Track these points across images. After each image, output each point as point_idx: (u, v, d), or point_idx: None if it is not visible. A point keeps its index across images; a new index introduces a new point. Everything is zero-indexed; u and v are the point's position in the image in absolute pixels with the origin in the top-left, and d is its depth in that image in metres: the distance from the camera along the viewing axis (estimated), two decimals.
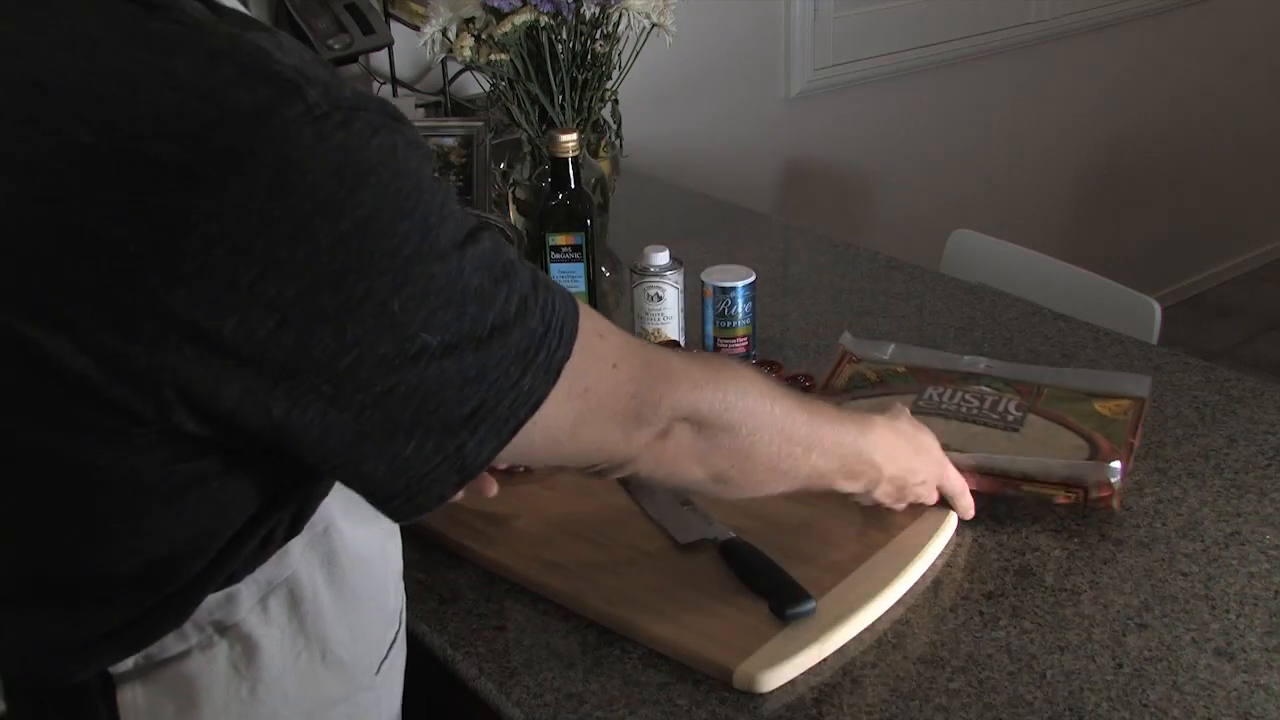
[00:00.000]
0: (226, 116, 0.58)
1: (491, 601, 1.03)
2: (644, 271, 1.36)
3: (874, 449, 0.96)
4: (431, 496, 0.68)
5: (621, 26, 1.58)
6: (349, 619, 0.80)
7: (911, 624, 0.98)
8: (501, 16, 1.49)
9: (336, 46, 1.74)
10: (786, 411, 0.86)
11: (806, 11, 2.52)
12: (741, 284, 1.35)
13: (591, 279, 1.40)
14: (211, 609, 0.73)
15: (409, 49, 1.90)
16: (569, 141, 1.38)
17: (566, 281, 1.38)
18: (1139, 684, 0.90)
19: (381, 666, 0.85)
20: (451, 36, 1.56)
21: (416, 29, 1.65)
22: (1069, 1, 2.94)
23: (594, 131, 1.65)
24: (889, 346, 1.34)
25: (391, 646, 0.86)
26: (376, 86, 1.99)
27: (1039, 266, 1.79)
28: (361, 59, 1.92)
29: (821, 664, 0.93)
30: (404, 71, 2.01)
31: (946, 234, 1.92)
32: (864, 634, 0.96)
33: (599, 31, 1.55)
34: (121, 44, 0.60)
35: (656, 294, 1.36)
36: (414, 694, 0.94)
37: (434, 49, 1.57)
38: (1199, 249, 3.68)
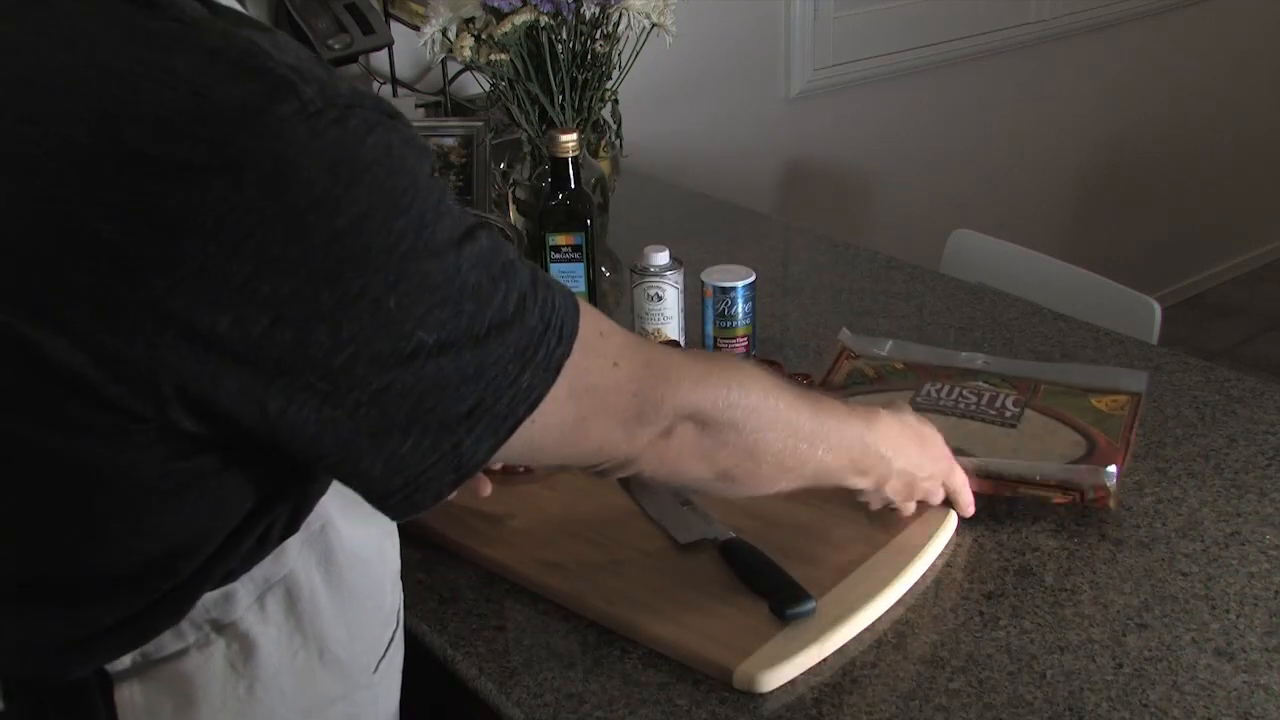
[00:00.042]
0: (220, 113, 0.58)
1: (491, 601, 1.03)
2: (644, 271, 1.36)
3: (881, 442, 0.95)
4: (428, 495, 0.68)
5: (621, 26, 1.58)
6: (346, 618, 0.80)
7: (911, 624, 0.98)
8: (501, 16, 1.49)
9: (336, 46, 1.74)
10: (791, 407, 0.86)
11: (806, 11, 2.52)
12: (741, 284, 1.35)
13: (591, 279, 1.40)
14: (209, 607, 0.73)
15: (409, 49, 1.90)
16: (569, 141, 1.38)
17: (566, 281, 1.37)
18: (1139, 684, 0.90)
19: (379, 665, 0.85)
20: (451, 36, 1.56)
21: (416, 29, 1.65)
22: (1069, 1, 2.94)
23: (594, 131, 1.65)
24: (887, 343, 1.34)
25: (389, 645, 0.86)
26: (376, 86, 1.99)
27: (1039, 266, 1.79)
28: (361, 59, 1.92)
29: (821, 664, 0.93)
30: (404, 71, 2.01)
31: (946, 234, 1.92)
32: (864, 634, 0.96)
33: (599, 31, 1.55)
34: (117, 42, 0.60)
35: (656, 294, 1.36)
36: (414, 694, 0.94)
37: (434, 49, 1.57)
38: (1199, 249, 3.68)
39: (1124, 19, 3.09)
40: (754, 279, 1.36)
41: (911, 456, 0.99)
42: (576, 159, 1.39)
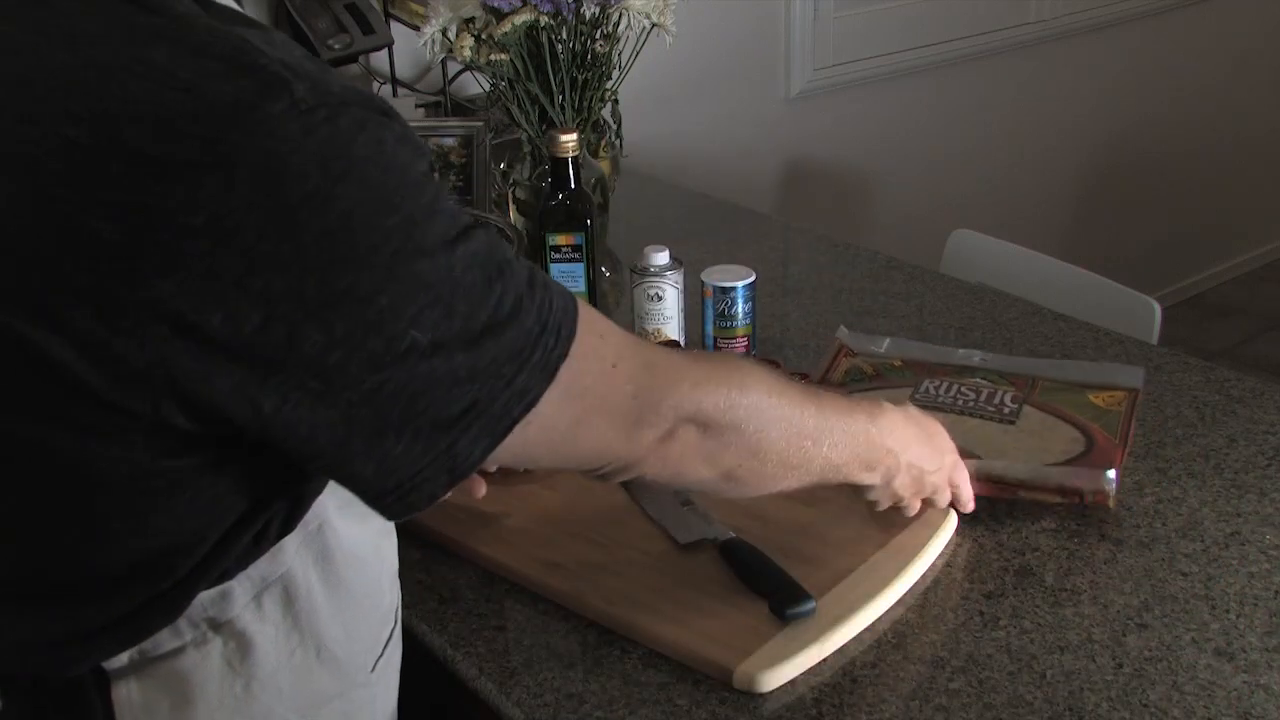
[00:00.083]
0: (212, 111, 0.58)
1: (491, 601, 1.03)
2: (644, 271, 1.36)
3: (887, 435, 0.94)
4: (423, 495, 0.67)
5: (621, 26, 1.58)
6: (343, 616, 0.80)
7: (911, 624, 0.97)
8: (501, 16, 1.49)
9: (336, 46, 1.74)
10: (794, 405, 0.85)
11: (806, 11, 2.52)
12: (741, 284, 1.35)
13: (591, 279, 1.40)
14: (206, 605, 0.73)
15: (409, 49, 1.90)
16: (569, 141, 1.38)
17: (566, 281, 1.38)
18: (1139, 684, 0.90)
19: (377, 664, 0.85)
20: (451, 36, 1.56)
21: (416, 29, 1.65)
22: (1069, 1, 2.94)
23: (594, 131, 1.65)
24: (884, 340, 1.35)
25: (387, 644, 0.86)
26: (376, 86, 1.99)
27: (1039, 266, 1.79)
28: (361, 59, 1.92)
29: (821, 664, 0.93)
30: (404, 71, 2.01)
31: (946, 234, 1.92)
32: (864, 634, 0.96)
33: (599, 31, 1.55)
34: (115, 41, 0.60)
35: (656, 294, 1.36)
36: (414, 694, 0.94)
37: (434, 49, 1.57)
38: (1199, 249, 3.68)
39: (1124, 19, 3.09)
40: (754, 279, 1.36)
41: (918, 450, 0.98)
42: (576, 159, 1.39)
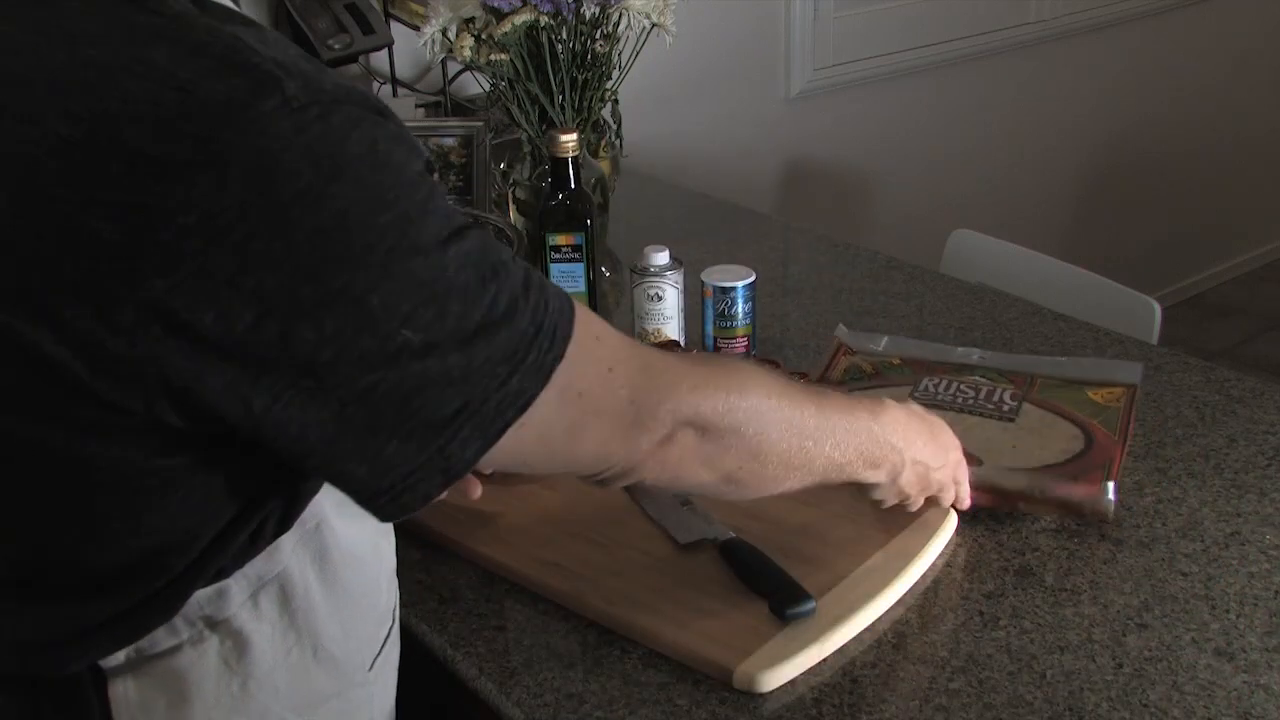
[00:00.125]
0: (203, 108, 0.58)
1: (491, 601, 1.03)
2: (644, 271, 1.36)
3: (890, 432, 0.93)
4: (416, 496, 0.67)
5: (621, 26, 1.58)
6: (340, 615, 0.80)
7: (911, 624, 0.97)
8: (501, 16, 1.49)
9: (336, 46, 1.74)
10: (794, 406, 0.85)
11: (806, 11, 2.52)
12: (741, 284, 1.35)
13: (591, 279, 1.40)
14: (202, 604, 0.73)
15: (409, 49, 1.90)
16: (569, 141, 1.38)
17: (566, 281, 1.38)
18: (1139, 684, 0.90)
19: (374, 663, 0.85)
20: (451, 36, 1.56)
21: (416, 29, 1.65)
22: (1069, 1, 2.94)
23: (594, 131, 1.65)
24: (882, 339, 1.35)
25: (384, 643, 0.86)
26: (376, 86, 1.99)
27: (1039, 266, 1.79)
28: (361, 59, 1.92)
29: (821, 664, 0.93)
30: (404, 71, 2.01)
31: (946, 234, 1.92)
32: (864, 634, 0.96)
33: (599, 31, 1.55)
34: (109, 39, 0.60)
35: (656, 294, 1.36)
36: (414, 694, 0.94)
37: (434, 49, 1.57)
38: (1199, 249, 3.68)
39: (1124, 19, 3.09)
40: (754, 279, 1.36)
41: (923, 447, 0.98)
42: (576, 159, 1.39)
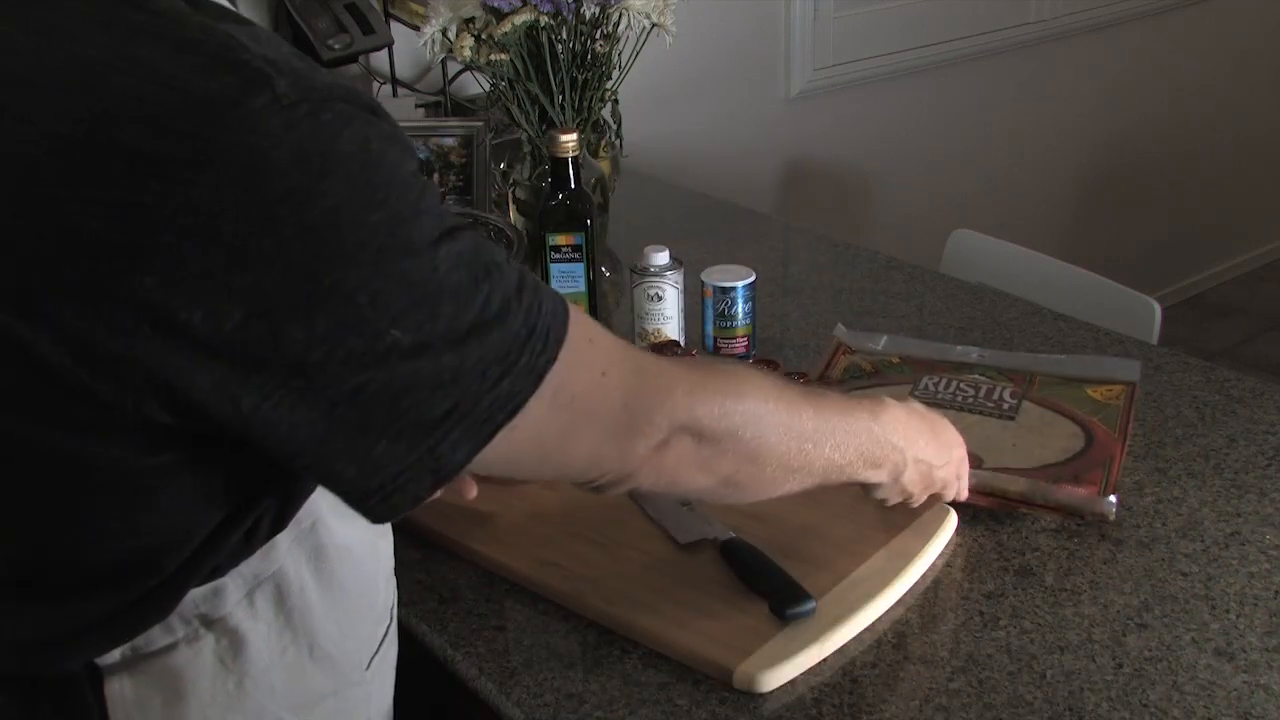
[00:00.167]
0: (194, 105, 0.58)
1: (491, 601, 1.03)
2: (644, 271, 1.36)
3: (890, 431, 0.93)
4: (406, 497, 0.66)
5: (621, 26, 1.58)
6: (337, 614, 0.80)
7: (911, 624, 0.98)
8: (501, 16, 1.49)
9: (336, 46, 1.74)
10: (791, 408, 0.84)
11: (806, 11, 2.52)
12: (741, 284, 1.35)
13: (591, 279, 1.40)
14: (198, 602, 0.73)
15: (409, 49, 1.90)
16: (569, 141, 1.38)
17: (566, 281, 1.38)
18: (1139, 684, 0.90)
19: (372, 662, 0.85)
20: (451, 36, 1.56)
21: (416, 29, 1.65)
22: (1069, 1, 2.94)
23: (594, 131, 1.65)
24: (881, 338, 1.35)
25: (382, 642, 0.86)
26: (376, 87, 1.99)
27: (1039, 266, 1.79)
28: (361, 59, 1.92)
29: (821, 664, 0.93)
30: (404, 71, 2.01)
31: (946, 234, 1.92)
32: (864, 634, 0.96)
33: (599, 31, 1.55)
34: (103, 37, 0.60)
35: (656, 294, 1.36)
36: (414, 694, 0.94)
37: (434, 49, 1.57)
38: (1199, 249, 3.68)
39: (1124, 19, 3.09)
40: (754, 279, 1.36)
41: (925, 445, 0.97)
42: (576, 159, 1.39)
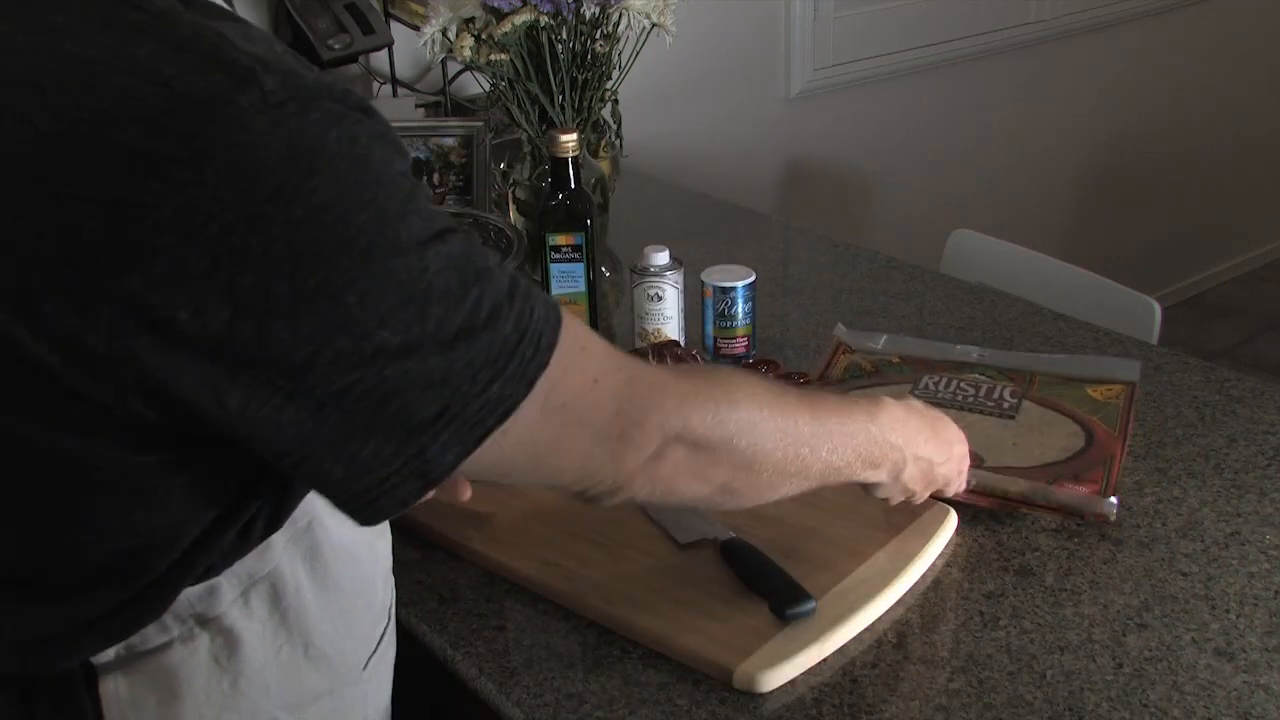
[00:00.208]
0: (183, 103, 0.58)
1: (491, 601, 1.03)
2: (644, 271, 1.36)
3: (889, 430, 0.92)
4: (393, 501, 0.66)
5: (621, 26, 1.58)
6: (333, 614, 0.80)
7: (911, 624, 0.98)
8: (501, 16, 1.49)
9: (336, 46, 1.74)
10: (786, 413, 0.84)
11: (806, 11, 2.52)
12: (741, 284, 1.35)
13: (591, 279, 1.40)
14: (192, 601, 0.73)
15: (409, 49, 1.90)
16: (569, 141, 1.38)
17: (566, 281, 1.38)
18: (1139, 684, 0.90)
19: (369, 662, 0.85)
20: (451, 36, 1.56)
21: (416, 29, 1.65)
22: (1069, 1, 2.94)
23: (594, 131, 1.65)
24: (881, 337, 1.35)
25: (380, 642, 0.86)
26: (376, 87, 1.99)
27: (1039, 266, 1.79)
28: (361, 59, 1.92)
29: (821, 664, 0.93)
30: (404, 71, 2.01)
31: (946, 234, 1.92)
32: (864, 634, 0.96)
33: (599, 31, 1.55)
34: (96, 36, 0.60)
35: (656, 294, 1.36)
36: (414, 694, 0.94)
37: (434, 49, 1.57)
38: (1199, 249, 3.68)
39: (1124, 19, 3.09)
40: (754, 279, 1.36)
41: (925, 443, 0.96)
42: (576, 159, 1.39)
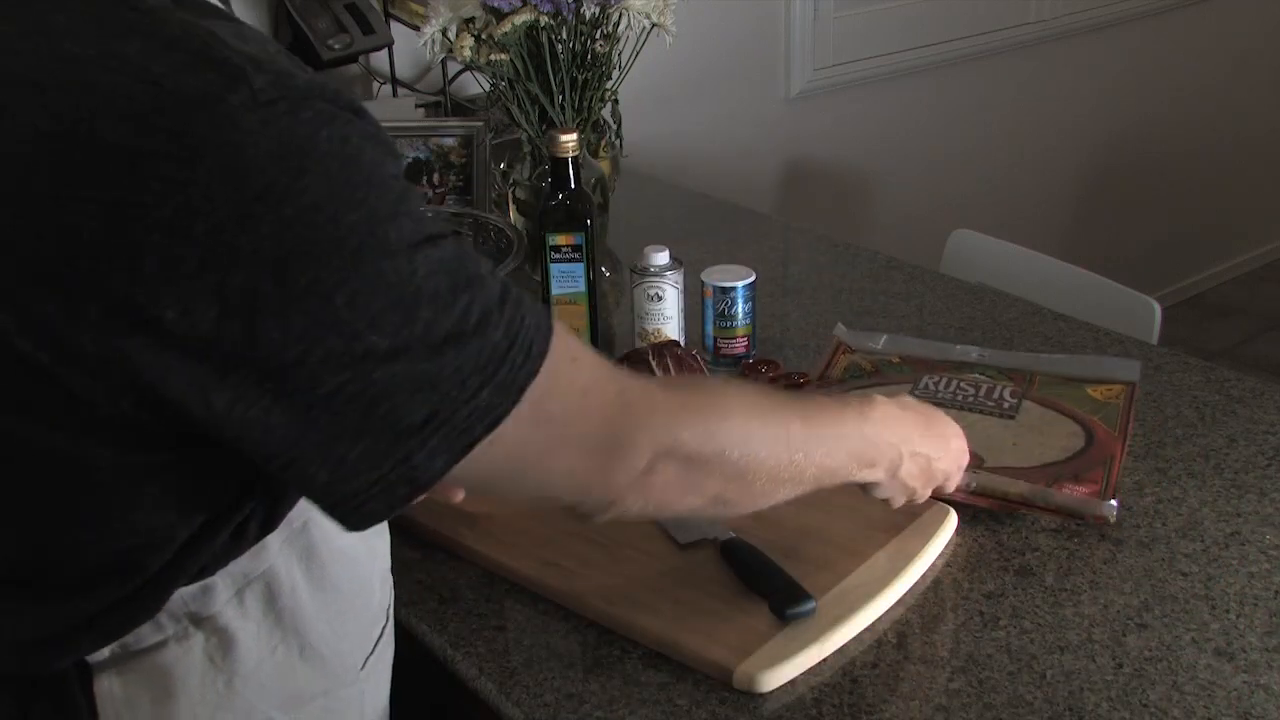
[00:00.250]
0: (173, 102, 0.57)
1: (491, 601, 1.03)
2: (644, 271, 1.36)
3: (881, 429, 0.92)
4: (380, 506, 0.65)
5: (621, 26, 1.58)
6: (329, 614, 0.80)
7: (911, 624, 0.98)
8: (501, 16, 1.49)
9: (336, 46, 1.74)
10: (778, 421, 0.83)
11: (806, 11, 2.52)
12: (741, 284, 1.35)
13: (591, 279, 1.40)
14: (187, 600, 0.73)
15: (409, 49, 1.90)
16: (569, 141, 1.38)
17: (566, 281, 1.38)
18: (1139, 684, 0.90)
19: (367, 662, 0.85)
20: (451, 36, 1.56)
21: (416, 29, 1.65)
22: (1069, 1, 2.94)
23: (594, 131, 1.65)
24: (881, 337, 1.35)
25: (378, 642, 0.86)
26: (376, 87, 1.99)
27: (1039, 266, 1.79)
28: (361, 59, 1.92)
29: (821, 664, 0.93)
30: (404, 71, 2.01)
31: (946, 234, 1.92)
32: (864, 634, 0.96)
33: (599, 31, 1.55)
34: (88, 34, 0.60)
35: (656, 294, 1.36)
36: (414, 694, 0.94)
37: (434, 49, 1.57)
38: (1199, 249, 3.68)
39: (1124, 19, 3.09)
40: (754, 279, 1.36)
41: (920, 439, 0.96)
42: (576, 159, 1.39)
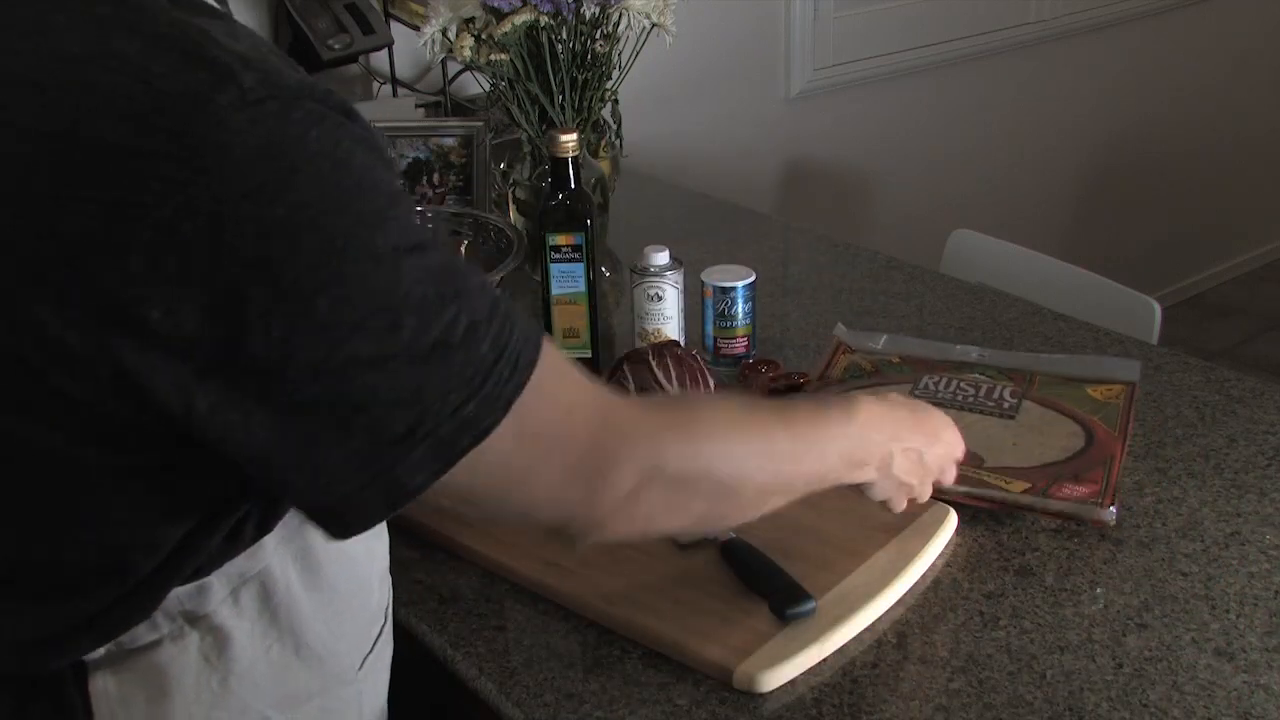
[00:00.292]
0: (163, 101, 0.57)
1: (491, 601, 1.03)
2: (644, 271, 1.36)
3: (868, 428, 0.91)
4: (361, 516, 0.65)
5: (621, 26, 1.58)
6: (326, 614, 0.80)
7: (911, 624, 0.97)
8: (501, 16, 1.49)
9: (336, 46, 1.74)
10: (763, 434, 0.83)
11: (806, 11, 2.52)
12: (741, 284, 1.35)
13: (591, 279, 1.40)
14: (182, 599, 0.73)
15: (409, 49, 1.90)
16: (569, 141, 1.37)
17: (566, 281, 1.38)
18: (1139, 684, 0.90)
19: (365, 662, 0.85)
20: (451, 36, 1.56)
21: (416, 29, 1.65)
22: (1069, 1, 2.93)
23: (594, 131, 1.65)
24: (881, 337, 1.35)
25: (376, 642, 0.86)
26: (376, 87, 1.99)
27: (1039, 266, 1.79)
28: (361, 59, 1.92)
29: (821, 664, 0.93)
30: (404, 71, 2.01)
31: (946, 234, 1.92)
32: (864, 634, 0.96)
33: (599, 31, 1.55)
34: (80, 33, 0.60)
35: (656, 294, 1.36)
36: (414, 694, 0.94)
37: (434, 49, 1.57)
38: (1199, 249, 3.68)
39: (1124, 19, 3.09)
40: (754, 279, 1.36)
41: (909, 434, 0.95)
42: (576, 159, 1.39)
